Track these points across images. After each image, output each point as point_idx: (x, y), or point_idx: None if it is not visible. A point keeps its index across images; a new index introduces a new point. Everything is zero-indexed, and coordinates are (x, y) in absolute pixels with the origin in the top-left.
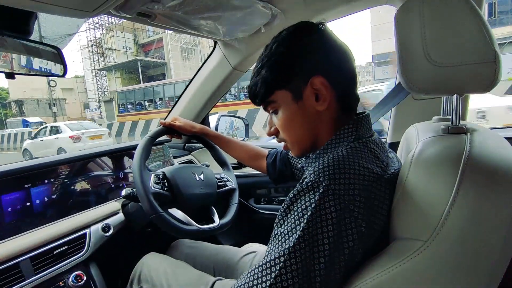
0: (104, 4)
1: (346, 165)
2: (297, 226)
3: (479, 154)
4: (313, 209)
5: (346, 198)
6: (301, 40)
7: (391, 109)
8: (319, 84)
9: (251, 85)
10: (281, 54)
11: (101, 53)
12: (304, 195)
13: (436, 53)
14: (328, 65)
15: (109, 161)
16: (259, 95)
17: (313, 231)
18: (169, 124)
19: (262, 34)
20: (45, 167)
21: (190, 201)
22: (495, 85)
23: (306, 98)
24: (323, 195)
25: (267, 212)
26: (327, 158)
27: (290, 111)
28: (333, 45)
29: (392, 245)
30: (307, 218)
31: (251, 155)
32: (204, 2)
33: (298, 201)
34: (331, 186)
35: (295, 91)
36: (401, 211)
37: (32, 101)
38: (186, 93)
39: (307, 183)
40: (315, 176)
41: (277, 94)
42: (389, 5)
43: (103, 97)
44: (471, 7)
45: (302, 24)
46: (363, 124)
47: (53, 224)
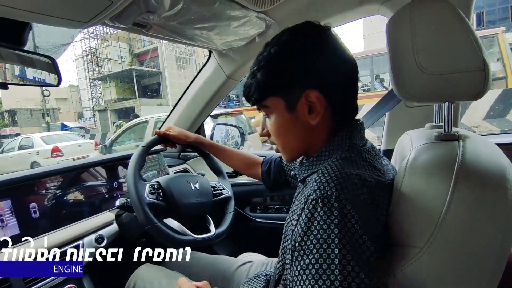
0: (99, 15)
1: (348, 173)
2: (328, 250)
3: (472, 161)
4: (338, 225)
5: (359, 204)
6: (302, 49)
7: (383, 115)
8: (313, 98)
9: (246, 85)
10: (278, 60)
11: (95, 62)
12: (320, 214)
13: (427, 61)
14: (327, 79)
15: (103, 171)
16: (252, 98)
17: (353, 248)
18: (163, 134)
19: (257, 44)
20: (37, 177)
21: (186, 210)
22: (485, 93)
23: (299, 109)
24: (340, 208)
25: (263, 221)
26: (324, 169)
27: (282, 120)
28: (336, 55)
29: (389, 252)
30: (337, 238)
31: (246, 163)
32: (199, 13)
33: (316, 224)
34: (342, 196)
35: (288, 101)
36: (396, 218)
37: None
38: (181, 102)
39: (316, 200)
40: (321, 191)
41: (270, 100)
42: (380, 15)
43: (98, 106)
44: (459, 17)
45: (308, 28)
46: (357, 133)
47: (45, 236)
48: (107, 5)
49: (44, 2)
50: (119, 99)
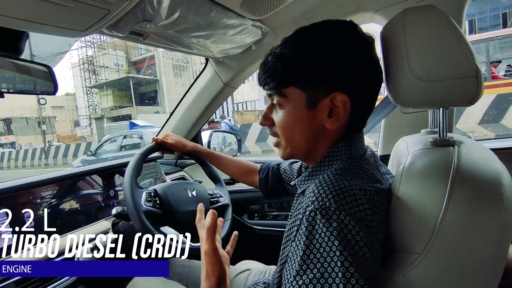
0: (96, 24)
1: (346, 183)
2: (331, 263)
3: (467, 166)
4: (338, 237)
5: (359, 216)
6: (351, 48)
7: (379, 122)
8: (340, 102)
9: (268, 66)
10: (316, 50)
11: (92, 70)
12: (320, 227)
13: (420, 68)
14: (360, 85)
15: (99, 179)
16: (271, 82)
17: (355, 260)
18: (161, 141)
19: (253, 51)
20: (32, 186)
21: (183, 218)
22: (478, 98)
23: (319, 109)
24: (340, 219)
25: (261, 228)
26: (323, 180)
27: (297, 115)
28: (374, 65)
29: (388, 259)
30: (338, 250)
31: (243, 171)
32: (195, 21)
33: (317, 236)
34: (341, 207)
35: (311, 97)
36: (394, 224)
37: (21, 119)
38: (178, 109)
39: (314, 211)
40: (320, 203)
41: (291, 90)
42: (374, 23)
43: (94, 114)
44: (451, 25)
45: (355, 28)
46: (357, 142)
47: (39, 246)
48: (104, 14)
49: (41, 11)
50: (115, 107)
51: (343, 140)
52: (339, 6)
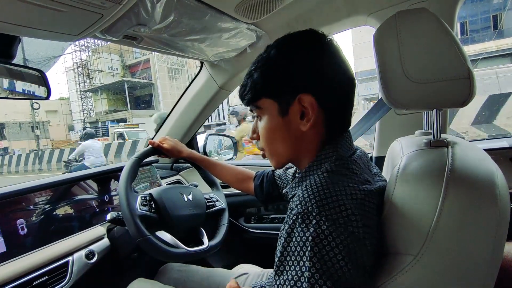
0: (90, 28)
1: (330, 187)
2: (302, 268)
3: (461, 167)
4: (311, 242)
5: (341, 221)
6: (300, 53)
7: (374, 124)
8: (307, 103)
9: (242, 84)
10: (275, 61)
11: (86, 74)
12: (297, 231)
13: (414, 70)
14: (323, 85)
15: (94, 184)
16: (246, 97)
17: (323, 266)
18: (157, 145)
19: (248, 54)
20: (25, 192)
21: (178, 222)
22: (471, 100)
23: (291, 114)
24: (318, 225)
25: (258, 231)
26: (309, 184)
27: (274, 123)
28: (335, 64)
29: (383, 261)
30: (308, 255)
31: (238, 178)
32: (190, 25)
33: (294, 240)
34: (322, 213)
35: (282, 104)
36: (390, 225)
37: (14, 124)
38: (174, 112)
39: (296, 215)
40: (302, 207)
41: (264, 101)
42: (367, 26)
43: (89, 118)
44: (443, 27)
45: (309, 35)
46: (343, 144)
47: (32, 253)
48: (98, 18)
49: (33, 15)
50: (110, 111)
51: (329, 142)
52: (332, 9)
